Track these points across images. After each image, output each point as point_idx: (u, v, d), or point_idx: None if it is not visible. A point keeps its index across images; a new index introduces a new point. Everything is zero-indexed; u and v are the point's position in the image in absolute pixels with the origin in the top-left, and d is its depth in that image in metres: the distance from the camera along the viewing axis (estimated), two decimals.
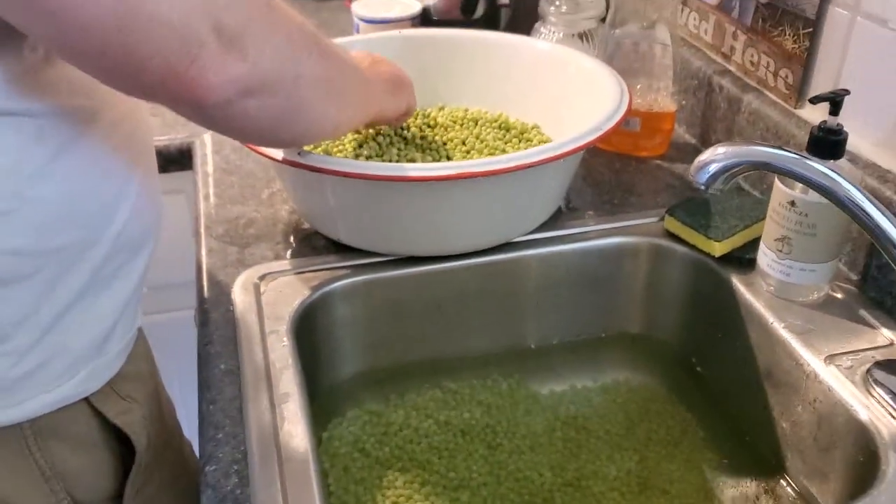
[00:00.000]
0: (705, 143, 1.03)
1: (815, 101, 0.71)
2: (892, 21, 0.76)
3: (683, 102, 1.06)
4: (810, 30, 0.86)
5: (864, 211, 0.64)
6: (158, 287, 0.90)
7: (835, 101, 0.72)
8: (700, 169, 0.63)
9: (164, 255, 0.81)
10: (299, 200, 0.88)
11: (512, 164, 0.75)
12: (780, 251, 0.76)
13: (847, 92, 0.72)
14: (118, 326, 0.68)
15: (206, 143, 1.07)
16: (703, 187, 0.63)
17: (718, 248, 0.83)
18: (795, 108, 0.90)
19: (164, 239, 0.75)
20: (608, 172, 1.01)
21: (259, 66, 0.55)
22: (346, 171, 0.74)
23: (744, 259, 0.82)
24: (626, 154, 1.03)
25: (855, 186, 0.64)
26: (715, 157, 0.63)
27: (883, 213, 0.63)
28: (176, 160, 1.10)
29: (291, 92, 0.60)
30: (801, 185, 0.72)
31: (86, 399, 0.67)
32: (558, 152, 0.77)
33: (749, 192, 0.92)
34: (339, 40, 1.02)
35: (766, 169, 0.64)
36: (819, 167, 0.64)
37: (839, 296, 0.79)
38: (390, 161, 0.87)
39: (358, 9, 1.24)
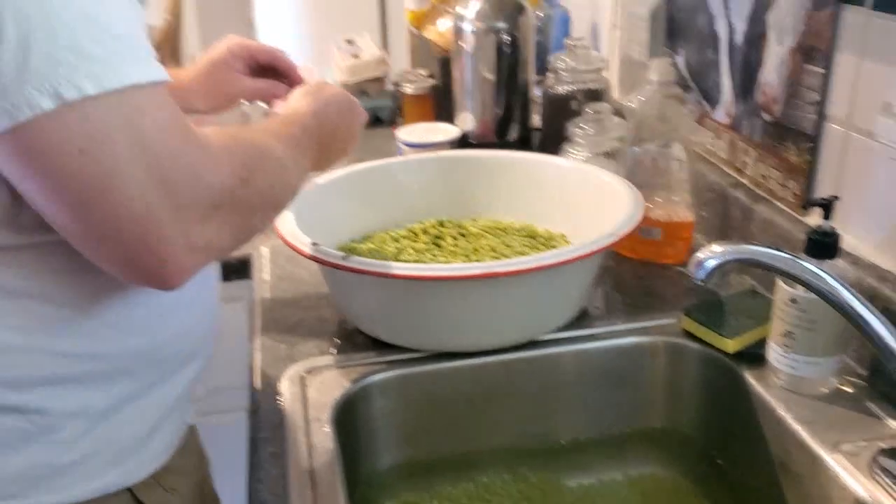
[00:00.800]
0: None
1: (807, 206, 0.78)
2: (879, 135, 0.84)
3: (703, 214, 1.13)
4: (811, 145, 0.94)
5: (850, 306, 0.70)
6: (214, 388, 0.98)
7: (826, 206, 0.79)
8: (698, 265, 0.70)
9: (222, 358, 0.89)
10: (342, 301, 0.97)
11: (533, 265, 0.83)
12: (786, 346, 0.82)
13: (836, 198, 0.79)
14: (165, 424, 0.75)
15: (264, 254, 1.18)
16: (700, 282, 0.70)
17: (731, 346, 0.88)
18: (802, 215, 0.97)
19: (222, 343, 0.83)
20: (632, 278, 1.08)
21: (220, 245, 0.63)
22: (381, 271, 0.83)
23: (756, 355, 0.88)
24: (650, 261, 1.10)
25: (841, 284, 0.70)
26: (710, 255, 0.71)
27: (867, 308, 0.69)
28: (237, 270, 1.21)
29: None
30: (810, 289, 0.78)
31: (129, 488, 0.73)
32: (576, 254, 0.85)
33: (763, 295, 0.98)
34: (381, 161, 1.13)
35: (758, 266, 0.70)
36: (807, 266, 0.71)
37: (848, 389, 0.83)
38: None
39: (402, 135, 1.37)
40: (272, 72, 1.00)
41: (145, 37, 0.58)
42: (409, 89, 1.59)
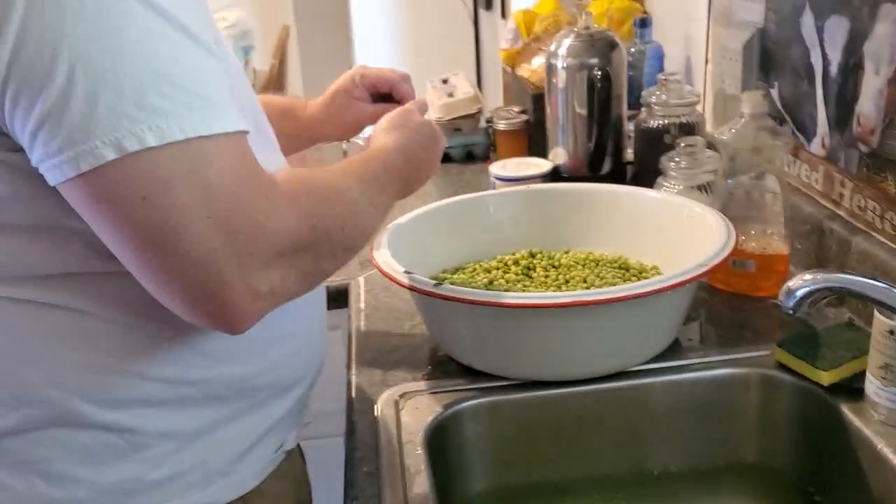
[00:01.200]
0: None
1: None
2: None
3: (798, 246, 1.12)
4: None
5: None
6: (315, 413, 1.01)
7: None
8: (787, 294, 0.70)
9: (322, 384, 0.93)
10: (435, 329, 1.00)
11: (623, 294, 0.84)
12: (885, 378, 0.80)
13: None
14: (258, 448, 0.78)
15: (360, 284, 1.22)
16: (790, 311, 0.70)
17: (827, 378, 0.87)
18: None
19: (322, 369, 0.87)
20: (726, 310, 1.07)
21: (286, 290, 0.65)
22: (471, 298, 0.86)
23: (853, 388, 0.86)
24: (744, 294, 1.09)
25: None
26: (801, 283, 0.70)
27: None
28: (334, 299, 1.25)
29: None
30: None
31: None
32: (666, 284, 0.86)
33: (861, 327, 0.96)
34: (473, 194, 1.17)
35: (851, 295, 0.70)
36: None
37: None
38: None
39: (495, 169, 1.40)
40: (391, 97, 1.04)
41: (224, 88, 0.61)
42: (502, 125, 1.63)
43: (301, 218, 0.65)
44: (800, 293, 0.70)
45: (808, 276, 0.71)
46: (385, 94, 1.04)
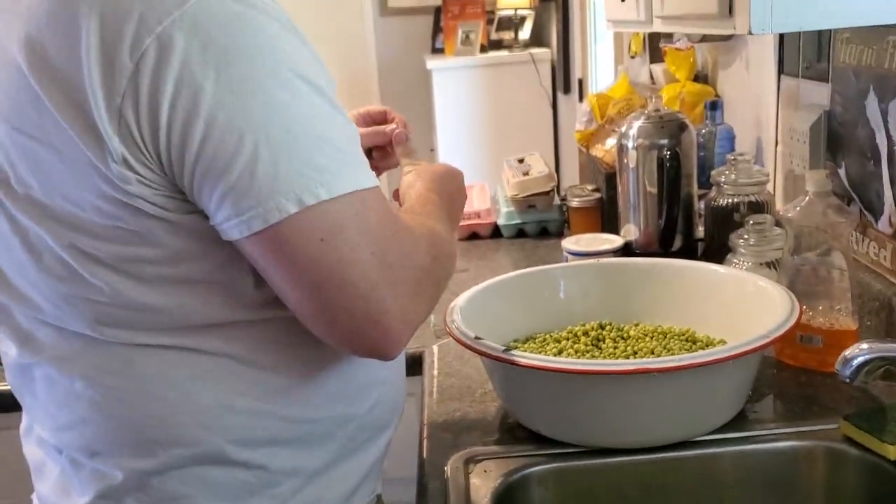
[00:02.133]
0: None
1: None
2: None
3: (868, 323, 1.12)
4: None
5: None
6: (389, 479, 1.06)
7: None
8: (844, 363, 0.72)
9: (397, 448, 0.98)
10: (504, 395, 1.04)
11: (687, 363, 0.87)
12: None
13: None
14: (362, 487, 0.86)
15: (434, 352, 1.27)
16: (847, 380, 0.72)
17: (893, 452, 0.87)
18: None
19: (397, 434, 0.93)
20: (793, 384, 1.08)
21: (422, 316, 0.75)
22: (538, 364, 0.90)
23: None
24: (812, 369, 1.10)
25: None
26: (857, 352, 0.73)
27: None
28: (409, 366, 1.31)
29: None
30: None
31: None
32: (729, 354, 0.88)
33: None
34: (544, 267, 1.22)
35: None
36: None
37: None
38: None
39: (568, 245, 1.45)
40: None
41: (360, 149, 0.72)
42: (575, 203, 1.68)
43: (428, 250, 0.76)
44: (855, 362, 0.72)
45: (864, 346, 0.73)
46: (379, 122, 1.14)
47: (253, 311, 0.74)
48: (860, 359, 0.72)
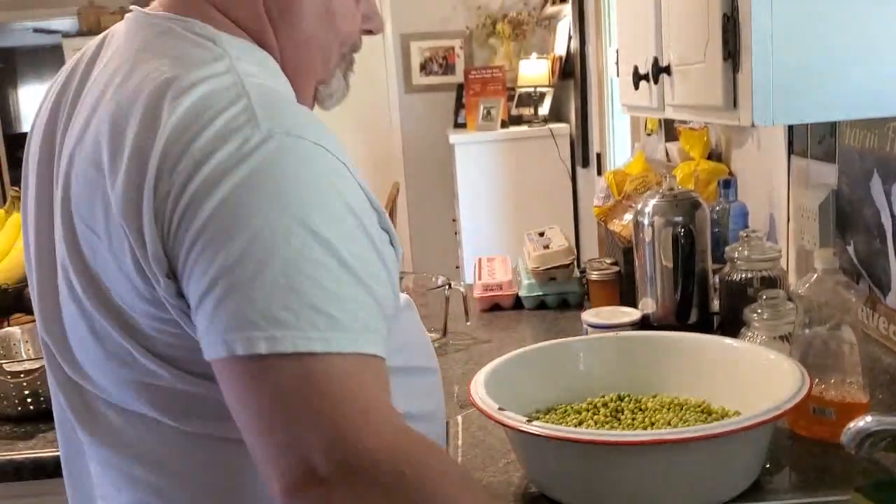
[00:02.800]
0: None
1: None
2: None
3: (880, 396, 1.16)
4: None
5: None
6: None
7: None
8: (849, 435, 0.77)
9: None
10: (528, 465, 1.08)
11: (700, 434, 0.91)
12: None
13: None
14: None
15: (458, 423, 1.32)
16: (852, 451, 0.76)
17: None
18: None
19: None
20: (807, 456, 1.11)
21: None
22: (559, 435, 0.94)
23: None
24: (825, 441, 1.13)
25: None
26: (863, 423, 0.77)
27: None
28: None
29: None
30: None
31: None
32: (741, 425, 0.92)
33: None
34: (565, 339, 1.26)
35: None
36: None
37: None
38: None
39: (588, 317, 1.50)
40: None
41: (363, 313, 0.67)
42: (594, 276, 1.73)
43: (401, 456, 0.65)
44: (859, 433, 0.76)
45: (869, 418, 0.77)
46: None
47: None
48: (864, 430, 0.76)
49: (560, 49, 4.30)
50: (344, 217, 0.68)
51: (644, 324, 1.50)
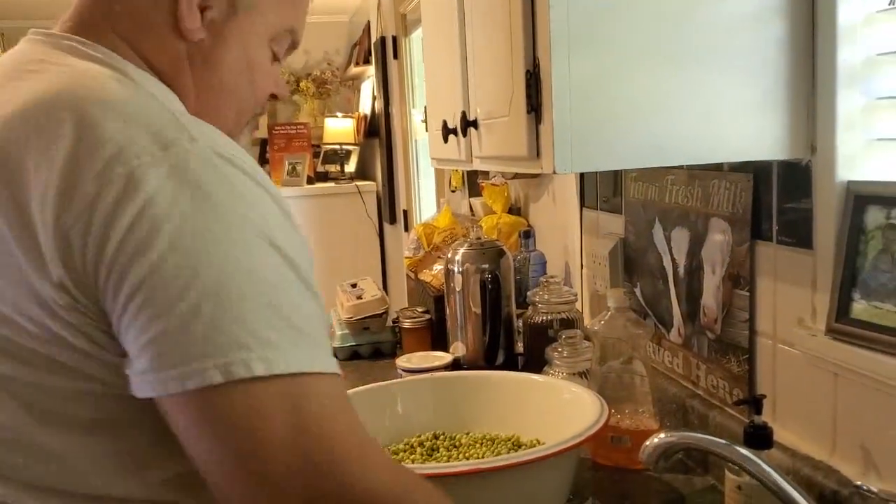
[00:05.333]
0: (687, 455, 1.22)
1: (738, 403, 0.93)
2: (797, 344, 1.01)
3: (668, 423, 1.27)
4: (747, 356, 1.11)
5: (780, 487, 0.82)
6: None
7: (755, 404, 0.94)
8: (645, 452, 0.84)
9: None
10: None
11: (505, 463, 0.97)
12: None
13: (763, 396, 0.95)
14: None
15: None
16: (649, 466, 0.84)
17: None
18: (749, 418, 1.11)
19: None
20: (608, 482, 1.20)
21: None
22: None
23: None
24: (624, 467, 1.23)
25: (769, 466, 0.83)
26: (657, 441, 0.85)
27: (793, 487, 0.82)
28: None
29: None
30: (745, 472, 0.91)
31: None
32: (546, 453, 0.98)
33: (721, 491, 1.10)
34: (381, 383, 1.29)
35: (699, 450, 0.84)
36: (740, 450, 0.85)
37: None
38: None
39: (401, 363, 1.53)
40: None
41: (323, 330, 0.66)
42: (407, 324, 1.78)
43: (391, 482, 0.65)
44: (655, 449, 0.84)
45: (662, 436, 0.85)
46: None
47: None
48: (658, 447, 0.84)
49: (365, 108, 4.41)
50: (290, 234, 0.66)
51: (456, 367, 1.55)
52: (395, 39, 3.51)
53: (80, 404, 0.65)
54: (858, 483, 0.79)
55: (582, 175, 1.67)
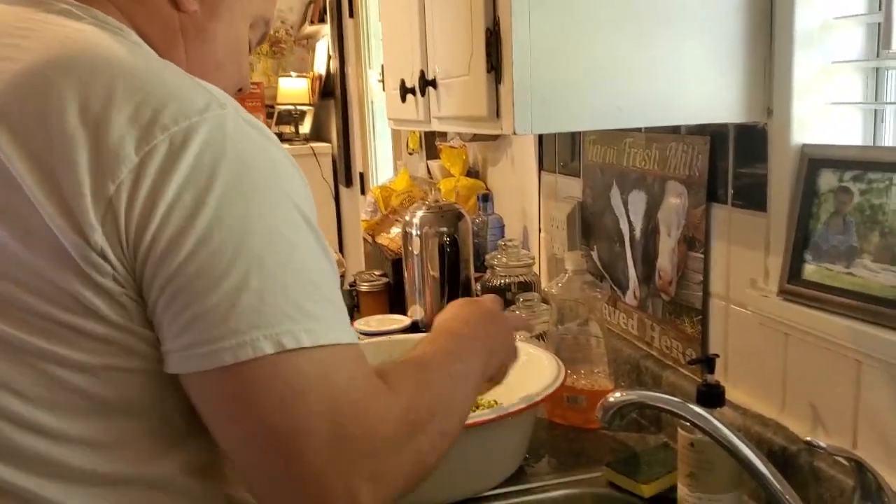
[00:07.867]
0: (640, 414, 1.25)
1: (691, 363, 0.94)
2: (749, 305, 1.03)
3: (622, 383, 1.29)
4: (700, 317, 1.13)
5: (731, 443, 0.84)
6: None
7: (708, 363, 0.96)
8: (601, 409, 0.85)
9: None
10: None
11: (467, 423, 0.97)
12: (690, 486, 0.95)
13: (716, 356, 0.96)
14: None
15: None
16: (606, 424, 0.85)
17: (647, 490, 1.01)
18: (702, 378, 1.13)
19: None
20: (564, 441, 1.21)
21: (389, 495, 0.65)
22: None
23: (669, 497, 1.01)
24: (579, 427, 1.24)
25: (721, 423, 0.85)
26: (612, 399, 0.86)
27: (745, 444, 0.84)
28: None
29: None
30: (698, 430, 0.93)
31: None
32: (504, 413, 0.99)
33: (674, 448, 1.12)
34: None
35: (654, 409, 0.85)
36: (693, 407, 0.86)
37: None
38: None
39: (359, 326, 1.53)
40: None
41: (343, 301, 0.67)
42: (364, 287, 1.77)
43: (403, 420, 0.67)
44: (610, 408, 0.85)
45: (617, 394, 0.86)
46: None
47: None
48: (614, 405, 0.85)
49: (320, 68, 4.34)
50: (309, 201, 0.66)
51: (414, 329, 1.55)
52: None
53: (100, 382, 0.63)
54: (808, 439, 0.81)
55: (540, 138, 1.66)
